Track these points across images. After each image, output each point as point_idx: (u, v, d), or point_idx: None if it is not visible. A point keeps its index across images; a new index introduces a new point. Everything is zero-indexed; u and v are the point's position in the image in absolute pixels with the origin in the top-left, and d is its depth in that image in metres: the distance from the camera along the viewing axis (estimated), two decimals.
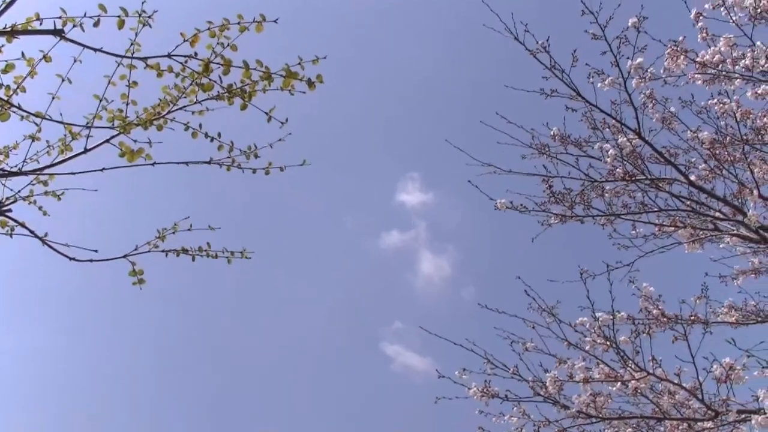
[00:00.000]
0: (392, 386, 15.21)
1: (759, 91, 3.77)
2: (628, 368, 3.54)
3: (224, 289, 16.98)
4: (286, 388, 16.10)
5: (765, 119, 3.90)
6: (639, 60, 3.60)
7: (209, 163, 2.85)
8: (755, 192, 3.79)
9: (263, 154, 2.77)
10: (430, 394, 3.85)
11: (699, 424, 3.60)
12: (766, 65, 3.61)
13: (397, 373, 14.97)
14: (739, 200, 3.77)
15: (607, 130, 3.71)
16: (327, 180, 16.38)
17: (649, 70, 3.67)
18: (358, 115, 15.66)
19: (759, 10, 3.54)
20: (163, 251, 3.04)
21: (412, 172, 15.96)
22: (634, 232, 3.87)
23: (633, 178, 3.62)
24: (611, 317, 3.45)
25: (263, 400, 15.84)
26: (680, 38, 3.58)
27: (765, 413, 3.32)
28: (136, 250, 2.93)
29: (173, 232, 3.08)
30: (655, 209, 3.71)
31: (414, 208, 16.22)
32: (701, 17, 3.66)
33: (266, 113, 2.60)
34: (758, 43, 3.58)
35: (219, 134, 2.77)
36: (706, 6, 3.63)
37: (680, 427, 3.66)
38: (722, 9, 3.59)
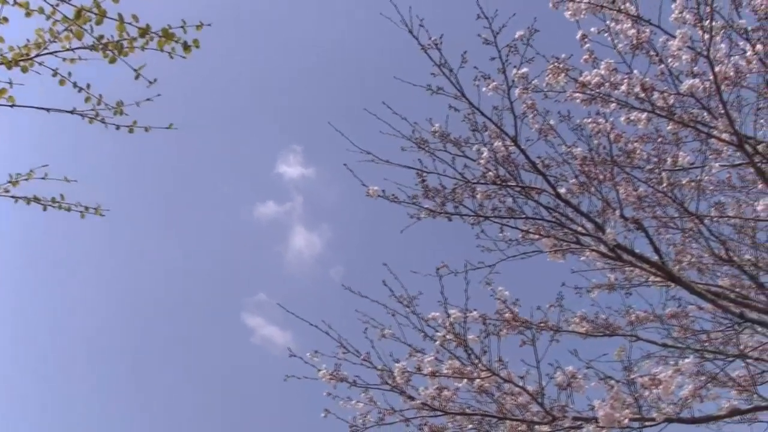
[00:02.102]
0: (250, 358, 15.00)
1: (632, 117, 3.98)
2: (478, 367, 3.65)
3: (81, 245, 16.05)
4: (139, 352, 15.59)
5: (635, 144, 4.12)
6: (524, 70, 3.71)
7: (71, 112, 2.73)
8: (617, 212, 4.00)
9: (144, 114, 2.71)
10: (287, 370, 3.84)
11: (537, 427, 3.75)
12: (640, 93, 3.81)
13: (257, 346, 14.76)
14: (602, 218, 3.96)
15: (487, 133, 3.80)
16: (207, 143, 15.79)
17: (533, 82, 3.79)
18: (247, 83, 15.17)
19: (639, 41, 3.73)
20: (13, 197, 2.93)
21: (296, 144, 15.62)
22: (501, 235, 3.99)
23: (504, 183, 3.73)
24: (464, 315, 3.55)
25: (116, 364, 15.28)
26: (563, 56, 3.71)
27: (597, 422, 3.50)
28: None
29: (27, 179, 2.96)
30: (523, 216, 3.84)
31: (293, 180, 15.87)
32: (587, 39, 3.82)
33: (135, 70, 2.51)
34: (635, 71, 3.78)
35: (88, 85, 2.67)
36: (592, 29, 3.79)
37: (519, 428, 3.80)
38: (607, 35, 3.76)
